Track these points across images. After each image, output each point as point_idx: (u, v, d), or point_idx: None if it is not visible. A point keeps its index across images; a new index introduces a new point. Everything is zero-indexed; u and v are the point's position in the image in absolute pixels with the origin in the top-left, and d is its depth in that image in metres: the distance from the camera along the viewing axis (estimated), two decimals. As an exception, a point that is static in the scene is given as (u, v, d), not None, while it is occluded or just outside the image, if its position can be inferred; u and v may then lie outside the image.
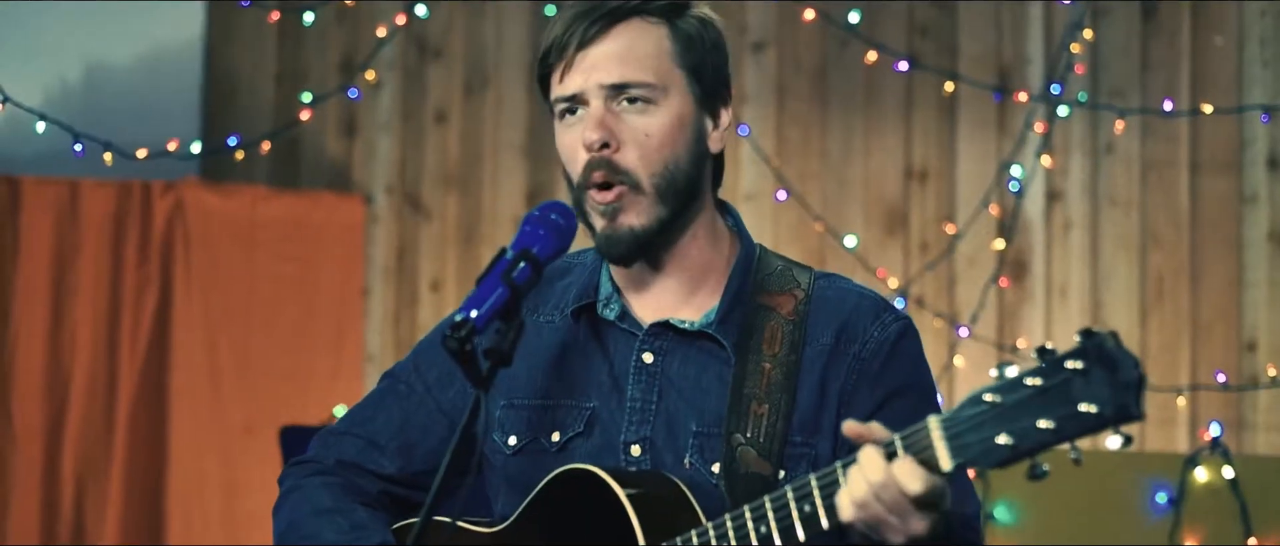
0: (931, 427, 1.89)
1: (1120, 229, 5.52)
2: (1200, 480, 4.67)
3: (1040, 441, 1.79)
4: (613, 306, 2.36)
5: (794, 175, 5.69)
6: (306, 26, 5.90)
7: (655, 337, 2.33)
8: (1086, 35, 5.50)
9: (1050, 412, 1.77)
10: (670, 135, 2.27)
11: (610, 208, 2.26)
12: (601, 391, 2.33)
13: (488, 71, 6.06)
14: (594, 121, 2.26)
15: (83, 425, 5.63)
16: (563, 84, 2.28)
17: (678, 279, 2.34)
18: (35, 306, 5.61)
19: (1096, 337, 1.74)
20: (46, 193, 5.64)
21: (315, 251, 5.94)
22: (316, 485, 2.44)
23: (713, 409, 2.28)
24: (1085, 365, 1.75)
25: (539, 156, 5.93)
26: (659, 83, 2.27)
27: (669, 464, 2.27)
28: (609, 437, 2.31)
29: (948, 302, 5.60)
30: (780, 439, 2.25)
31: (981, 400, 1.83)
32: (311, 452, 2.50)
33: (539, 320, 2.40)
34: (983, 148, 5.64)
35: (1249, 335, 5.38)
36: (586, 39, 2.26)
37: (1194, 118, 5.40)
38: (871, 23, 5.63)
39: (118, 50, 6.09)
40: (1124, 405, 1.73)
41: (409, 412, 2.45)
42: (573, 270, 2.43)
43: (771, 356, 2.28)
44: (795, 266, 2.38)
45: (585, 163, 2.26)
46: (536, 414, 2.36)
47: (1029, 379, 1.79)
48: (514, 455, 2.36)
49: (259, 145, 5.64)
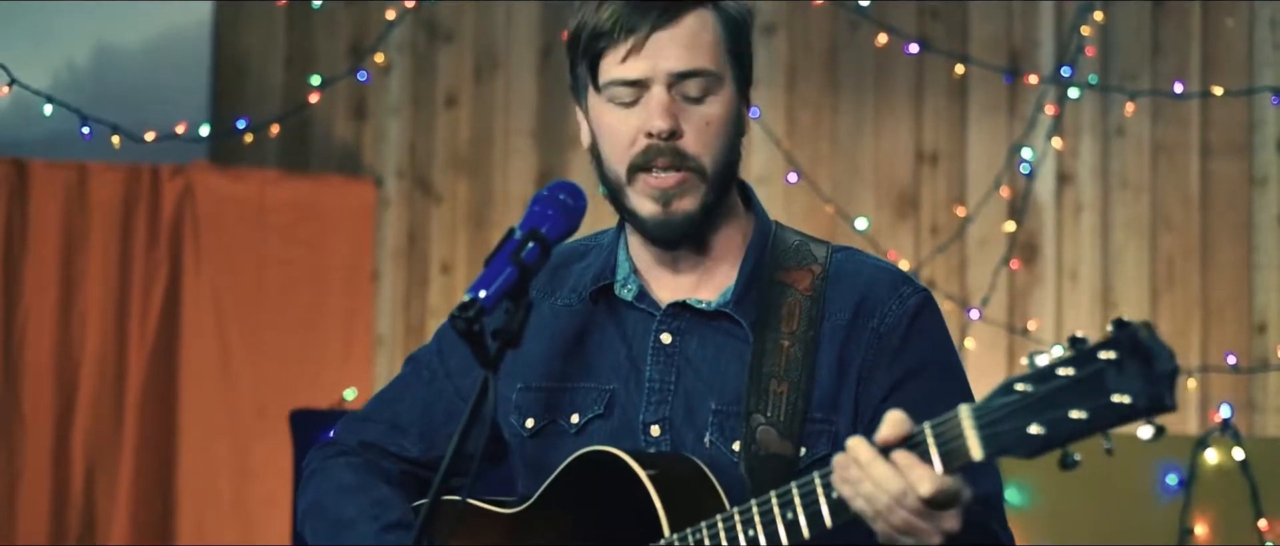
0: (963, 416, 1.88)
1: (1131, 211, 5.52)
2: (1210, 462, 4.68)
3: (1073, 431, 1.78)
4: (630, 286, 2.36)
5: (805, 158, 5.69)
6: (315, 9, 5.90)
7: (673, 318, 2.33)
8: (1097, 17, 5.49)
9: (1083, 403, 1.77)
10: (726, 124, 2.29)
11: (668, 193, 2.26)
12: (620, 373, 2.33)
13: (498, 55, 6.05)
14: (662, 109, 2.25)
15: (92, 410, 5.62)
16: (625, 66, 2.26)
17: (696, 257, 2.34)
18: (44, 291, 5.60)
19: (1130, 328, 1.73)
20: (55, 176, 5.63)
21: (325, 235, 5.93)
22: (341, 465, 2.47)
23: (732, 387, 2.28)
24: (1119, 355, 1.74)
25: (549, 140, 5.92)
26: (718, 71, 2.28)
27: (689, 443, 2.28)
28: (628, 418, 2.31)
29: (958, 285, 5.60)
30: (800, 417, 2.25)
31: (1013, 389, 1.83)
32: (335, 436, 2.52)
33: (557, 304, 2.40)
34: (993, 130, 5.63)
35: (1259, 317, 5.38)
36: (659, 24, 2.25)
37: (1204, 100, 5.40)
38: (882, 5, 5.62)
39: (126, 33, 6.08)
40: (1158, 396, 1.73)
41: (431, 397, 2.46)
42: (590, 252, 2.43)
43: (790, 333, 2.28)
44: (812, 241, 2.38)
45: (645, 147, 2.25)
46: (554, 396, 2.36)
47: (1062, 368, 1.78)
48: (531, 437, 2.37)
49: (268, 128, 5.63)
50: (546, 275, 2.41)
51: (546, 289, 2.41)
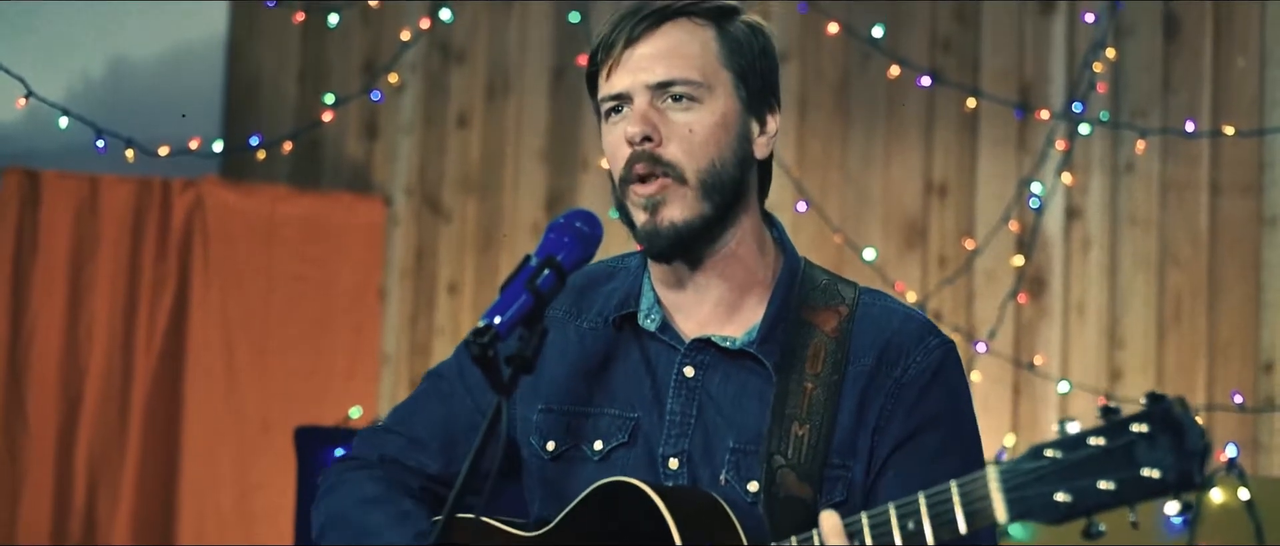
0: (990, 478, 1.89)
1: (1139, 248, 5.52)
2: (1216, 501, 4.68)
3: (1099, 502, 1.79)
4: (654, 316, 2.36)
5: (814, 187, 5.69)
6: (331, 28, 5.90)
7: (697, 352, 2.33)
8: (1109, 54, 5.50)
9: (1112, 474, 1.78)
10: (714, 133, 2.28)
11: (651, 201, 2.27)
12: (644, 402, 2.34)
13: (510, 76, 6.06)
14: (637, 116, 2.27)
15: (97, 420, 5.62)
16: (609, 82, 2.30)
17: (721, 289, 2.34)
18: (52, 300, 5.61)
19: (1164, 402, 1.74)
20: (67, 187, 5.64)
21: (334, 252, 5.94)
22: (362, 478, 2.45)
23: (752, 426, 2.29)
24: (1151, 429, 1.75)
25: (559, 161, 5.93)
26: (704, 81, 2.28)
27: (705, 479, 2.28)
28: (650, 449, 2.32)
29: (965, 318, 5.60)
30: (820, 461, 2.25)
31: (1042, 455, 1.83)
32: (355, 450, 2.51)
33: (582, 326, 2.41)
34: (1003, 164, 5.64)
35: (1267, 356, 5.37)
36: (633, 37, 2.28)
37: (1215, 139, 5.40)
38: (894, 37, 5.62)
39: (141, 47, 6.09)
40: (1187, 472, 1.74)
41: (451, 413, 2.46)
42: (617, 274, 2.44)
43: (813, 376, 2.29)
44: (840, 281, 2.39)
45: (627, 157, 2.27)
46: (576, 420, 2.37)
47: (1093, 438, 1.79)
48: (552, 460, 2.37)
49: (280, 145, 5.64)
50: (572, 297, 2.42)
51: (572, 311, 2.42)
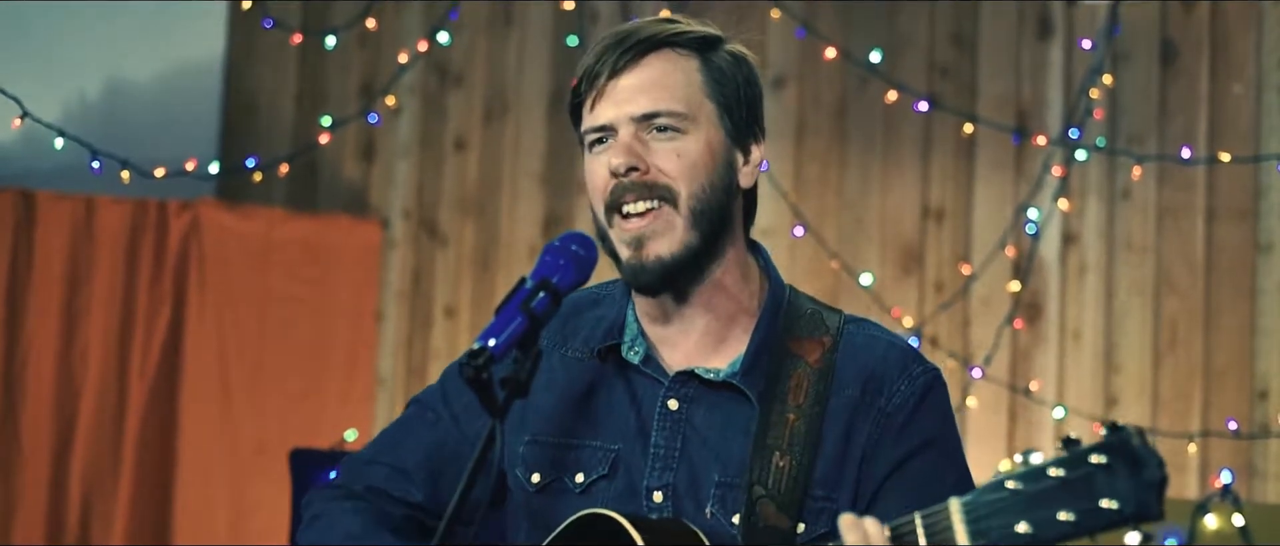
0: (952, 510, 1.88)
1: (1135, 274, 5.52)
2: (1210, 527, 4.66)
3: (1059, 533, 1.79)
4: (637, 349, 2.35)
5: (811, 211, 5.69)
6: (328, 50, 5.90)
7: (681, 385, 2.32)
8: (1106, 81, 5.50)
9: (1071, 505, 1.77)
10: (700, 161, 2.27)
11: (636, 237, 2.26)
12: (627, 435, 2.32)
13: (507, 99, 6.07)
14: (621, 148, 2.26)
15: (91, 442, 5.62)
16: (593, 114, 2.29)
17: (706, 321, 2.32)
18: (47, 322, 5.61)
19: (1123, 433, 1.74)
20: (62, 208, 5.64)
21: (330, 274, 5.93)
22: (347, 510, 2.43)
23: (737, 458, 2.27)
24: (1109, 460, 1.75)
25: (557, 185, 5.93)
26: (688, 112, 2.27)
27: (690, 512, 2.27)
28: (632, 482, 2.30)
29: (961, 343, 5.60)
30: (801, 492, 2.24)
31: (1004, 486, 1.83)
32: (339, 478, 2.48)
33: (567, 355, 2.39)
34: (1000, 189, 5.64)
35: (1261, 383, 5.37)
36: (617, 69, 2.27)
37: (1211, 165, 5.40)
38: (892, 62, 5.63)
39: (138, 68, 6.09)
40: (1145, 503, 1.73)
41: (436, 440, 2.44)
42: (602, 302, 2.42)
43: (796, 407, 2.27)
44: (825, 309, 2.37)
45: (613, 187, 2.26)
46: (560, 452, 2.35)
47: (1052, 469, 1.79)
48: (537, 492, 2.36)
49: (277, 167, 5.65)
50: (557, 323, 2.40)
51: (557, 339, 2.40)
